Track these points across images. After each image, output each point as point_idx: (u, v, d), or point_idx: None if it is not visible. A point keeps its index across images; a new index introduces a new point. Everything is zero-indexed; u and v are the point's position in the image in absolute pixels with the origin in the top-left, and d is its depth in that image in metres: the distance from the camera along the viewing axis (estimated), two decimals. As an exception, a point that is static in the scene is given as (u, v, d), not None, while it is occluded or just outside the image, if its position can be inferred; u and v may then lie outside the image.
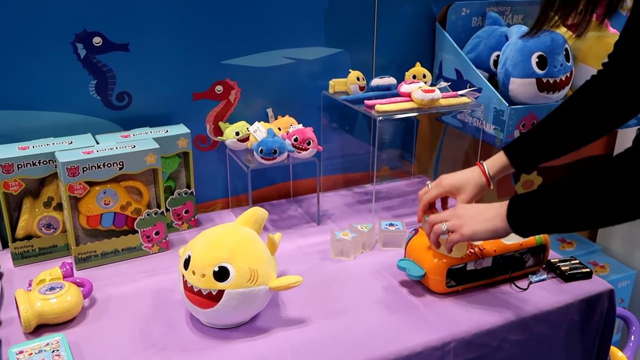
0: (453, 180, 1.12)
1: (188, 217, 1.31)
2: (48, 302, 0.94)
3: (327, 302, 1.05)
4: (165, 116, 1.30)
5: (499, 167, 1.12)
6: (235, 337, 0.95)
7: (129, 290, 1.08)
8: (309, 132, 1.25)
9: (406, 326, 0.98)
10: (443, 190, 1.12)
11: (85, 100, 1.22)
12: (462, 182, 1.11)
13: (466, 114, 1.43)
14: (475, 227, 0.96)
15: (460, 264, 1.04)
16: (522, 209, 0.92)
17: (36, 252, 1.17)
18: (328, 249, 1.22)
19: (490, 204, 0.98)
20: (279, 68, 1.38)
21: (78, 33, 1.17)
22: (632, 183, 0.81)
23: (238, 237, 0.95)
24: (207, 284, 0.90)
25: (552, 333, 1.06)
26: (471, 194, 1.10)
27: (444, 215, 1.02)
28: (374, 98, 1.30)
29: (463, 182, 1.11)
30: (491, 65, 1.41)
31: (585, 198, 0.85)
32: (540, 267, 1.14)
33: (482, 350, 0.99)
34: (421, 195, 1.14)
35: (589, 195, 0.85)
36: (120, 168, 1.12)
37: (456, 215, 0.99)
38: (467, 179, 1.11)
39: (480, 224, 0.96)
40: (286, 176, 1.50)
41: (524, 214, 0.92)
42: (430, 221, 1.03)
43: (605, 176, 0.85)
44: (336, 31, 1.42)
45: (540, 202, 0.90)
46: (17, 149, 1.11)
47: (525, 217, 0.92)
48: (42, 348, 0.88)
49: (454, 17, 1.47)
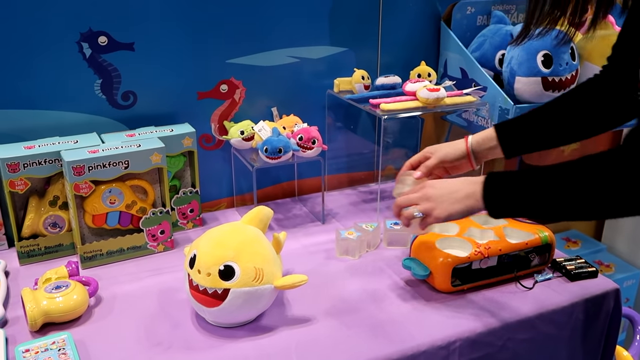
0: (435, 145, 1.10)
1: (193, 216, 1.32)
2: (54, 301, 0.95)
3: (332, 301, 1.05)
4: (170, 115, 1.30)
5: (483, 138, 1.08)
6: (241, 335, 0.95)
7: (135, 289, 1.08)
8: (314, 131, 1.25)
9: (411, 325, 0.98)
10: (423, 152, 1.09)
11: (90, 99, 1.23)
12: (441, 145, 1.09)
13: (471, 113, 1.43)
14: (448, 208, 0.92)
15: (465, 263, 1.04)
16: (501, 190, 0.89)
17: (42, 251, 1.17)
18: (333, 248, 1.22)
19: (461, 179, 0.94)
20: (284, 67, 1.38)
21: (83, 32, 1.17)
22: (619, 180, 0.80)
23: (243, 236, 0.95)
24: (213, 282, 0.90)
25: (557, 332, 1.06)
26: (445, 152, 1.07)
27: (412, 197, 0.96)
28: (378, 97, 1.29)
29: (442, 145, 1.09)
30: (496, 64, 1.41)
31: (569, 189, 0.83)
32: (545, 266, 1.14)
33: (488, 350, 0.99)
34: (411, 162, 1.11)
35: (573, 187, 0.83)
36: (125, 167, 1.13)
37: (426, 197, 0.94)
38: (447, 143, 1.09)
39: (453, 205, 0.92)
40: (291, 175, 1.50)
41: (502, 195, 0.89)
42: (398, 204, 0.97)
43: (593, 170, 0.83)
44: (341, 30, 1.42)
45: (522, 185, 0.87)
46: (23, 148, 1.12)
47: (504, 198, 0.88)
48: (48, 346, 0.89)
49: (459, 16, 1.47)
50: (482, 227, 1.14)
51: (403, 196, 0.98)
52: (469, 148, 1.08)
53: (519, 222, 1.16)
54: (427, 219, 0.94)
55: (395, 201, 0.98)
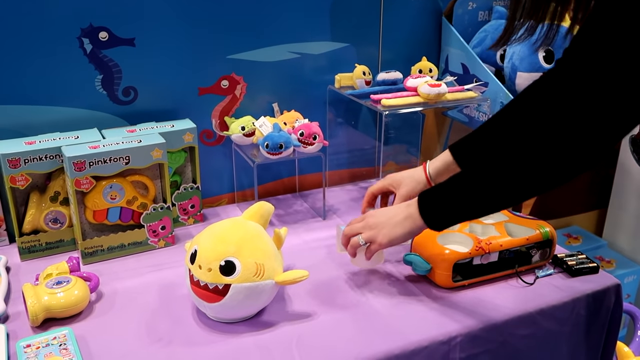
0: (396, 175, 1.13)
1: (194, 212, 1.32)
2: (55, 296, 0.95)
3: (332, 296, 1.05)
4: (171, 111, 1.30)
5: (442, 164, 1.10)
6: (242, 331, 0.95)
7: (136, 284, 1.08)
8: (315, 127, 1.25)
9: (412, 321, 0.98)
10: (385, 183, 1.13)
11: (91, 95, 1.23)
12: (403, 177, 1.11)
13: (472, 109, 1.42)
14: (389, 234, 0.97)
15: (466, 259, 1.04)
16: (434, 204, 0.94)
17: (43, 247, 1.17)
18: (334, 244, 1.22)
19: (397, 205, 1.01)
20: (285, 63, 1.38)
21: (84, 28, 1.17)
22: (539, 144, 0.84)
23: (244, 232, 0.95)
24: (214, 278, 0.90)
25: (558, 328, 1.06)
26: (409, 189, 1.10)
27: (356, 227, 1.02)
28: (380, 92, 1.29)
29: (404, 178, 1.11)
30: (498, 59, 1.40)
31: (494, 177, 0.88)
32: (546, 261, 1.14)
33: (489, 345, 0.99)
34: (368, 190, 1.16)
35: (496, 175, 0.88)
36: (126, 163, 1.13)
37: (368, 226, 1.00)
38: (408, 175, 1.12)
39: (393, 230, 0.97)
40: (292, 171, 1.50)
41: (437, 207, 0.93)
42: (345, 234, 1.04)
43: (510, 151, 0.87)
44: (342, 25, 1.41)
45: (452, 191, 0.92)
46: (24, 144, 1.12)
47: (439, 210, 0.93)
48: (49, 342, 0.89)
49: (460, 11, 1.47)
50: (483, 222, 1.14)
51: (348, 227, 1.04)
52: (429, 177, 1.10)
53: (520, 218, 1.16)
54: (371, 247, 1.00)
55: (342, 231, 1.04)
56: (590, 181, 2.03)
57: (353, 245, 1.02)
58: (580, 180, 2.00)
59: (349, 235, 1.03)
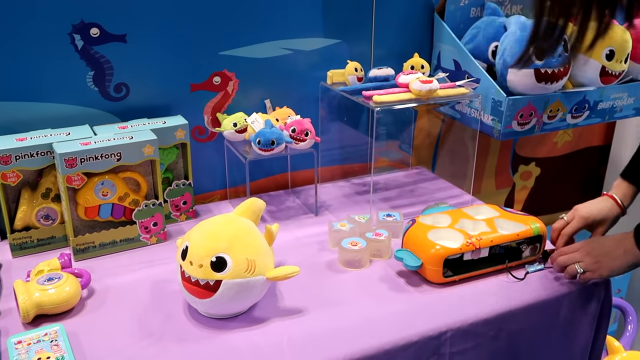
0: (592, 213, 1.15)
1: (186, 208, 1.32)
2: (46, 293, 0.95)
3: (324, 292, 1.05)
4: (163, 107, 1.30)
5: (625, 194, 1.16)
6: (233, 327, 0.95)
7: (127, 280, 1.09)
8: (307, 123, 1.25)
9: (403, 316, 0.98)
10: (585, 223, 1.15)
11: (82, 91, 1.22)
12: (602, 215, 1.15)
13: (464, 105, 1.43)
14: (611, 266, 1.02)
15: (457, 254, 1.05)
16: None
17: (34, 243, 1.17)
18: (326, 240, 1.23)
19: (613, 238, 1.05)
20: (277, 59, 1.38)
21: (75, 24, 1.17)
22: None
23: (235, 228, 0.95)
24: (205, 274, 0.90)
25: (548, 322, 1.07)
26: (609, 226, 1.16)
27: (574, 256, 1.06)
28: (372, 89, 1.29)
29: (603, 215, 1.15)
30: (489, 56, 1.41)
31: None
32: (536, 257, 1.14)
33: (479, 340, 1.00)
34: (557, 228, 1.17)
35: None
36: (118, 159, 1.13)
37: (589, 255, 1.04)
38: (606, 212, 1.15)
39: (614, 262, 1.02)
40: (284, 167, 1.50)
41: None
42: (560, 263, 1.07)
43: None
44: (334, 22, 1.41)
45: None
46: (15, 140, 1.11)
47: None
48: (40, 338, 0.89)
49: (452, 8, 1.47)
50: (474, 218, 1.14)
51: (566, 256, 1.07)
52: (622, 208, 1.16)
53: (510, 214, 1.17)
54: (587, 275, 1.04)
55: (557, 261, 1.08)
56: (582, 177, 2.03)
57: (570, 273, 1.05)
58: (572, 177, 2.01)
59: (566, 264, 1.06)
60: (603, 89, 1.38)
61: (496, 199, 1.87)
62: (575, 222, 1.15)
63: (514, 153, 1.84)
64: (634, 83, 1.43)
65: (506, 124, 1.31)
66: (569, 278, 1.07)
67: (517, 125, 1.33)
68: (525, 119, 1.33)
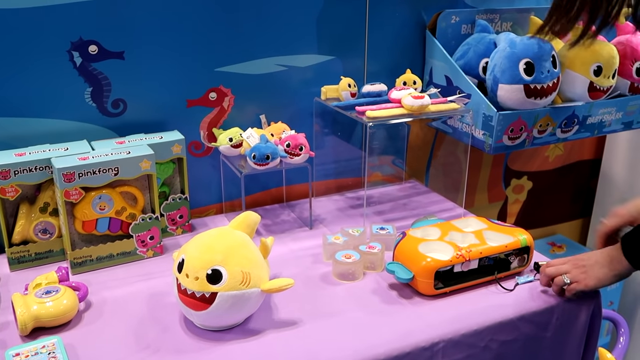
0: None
1: (182, 222, 1.33)
2: (44, 306, 0.96)
3: (318, 304, 1.07)
4: (159, 123, 1.32)
5: None
6: (229, 338, 0.96)
7: (124, 293, 1.10)
8: (301, 138, 1.27)
9: (395, 328, 1.00)
10: (623, 220, 1.14)
11: (80, 107, 1.24)
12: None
13: (456, 120, 1.45)
14: (596, 275, 1.03)
15: (447, 266, 1.07)
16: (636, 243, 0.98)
17: (32, 257, 1.18)
18: (320, 253, 1.24)
19: (602, 250, 1.06)
20: (272, 75, 1.41)
21: (74, 41, 1.19)
22: None
23: (231, 241, 0.97)
24: (201, 286, 0.92)
25: (538, 333, 1.08)
26: None
27: (562, 268, 1.07)
28: (365, 104, 1.31)
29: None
30: (480, 71, 1.43)
31: None
32: (524, 267, 1.16)
33: (470, 351, 1.01)
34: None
35: None
36: (115, 174, 1.14)
37: (576, 267, 1.06)
38: None
39: (600, 271, 1.03)
40: (279, 181, 1.52)
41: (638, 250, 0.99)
42: (548, 274, 1.08)
43: None
44: (328, 39, 1.44)
45: None
46: (14, 156, 1.13)
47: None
48: (38, 350, 0.90)
49: (444, 25, 1.50)
50: (463, 231, 1.16)
51: (553, 267, 1.08)
52: None
53: (498, 226, 1.19)
54: (576, 285, 1.05)
55: (546, 272, 1.09)
56: (573, 190, 2.06)
57: (558, 284, 1.06)
58: (564, 190, 2.03)
59: (554, 275, 1.07)
60: (591, 104, 1.40)
61: (489, 212, 1.89)
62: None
63: (506, 167, 1.86)
64: (622, 98, 1.46)
65: (497, 139, 1.34)
66: (557, 290, 1.08)
67: (507, 140, 1.35)
68: (515, 133, 1.35)
